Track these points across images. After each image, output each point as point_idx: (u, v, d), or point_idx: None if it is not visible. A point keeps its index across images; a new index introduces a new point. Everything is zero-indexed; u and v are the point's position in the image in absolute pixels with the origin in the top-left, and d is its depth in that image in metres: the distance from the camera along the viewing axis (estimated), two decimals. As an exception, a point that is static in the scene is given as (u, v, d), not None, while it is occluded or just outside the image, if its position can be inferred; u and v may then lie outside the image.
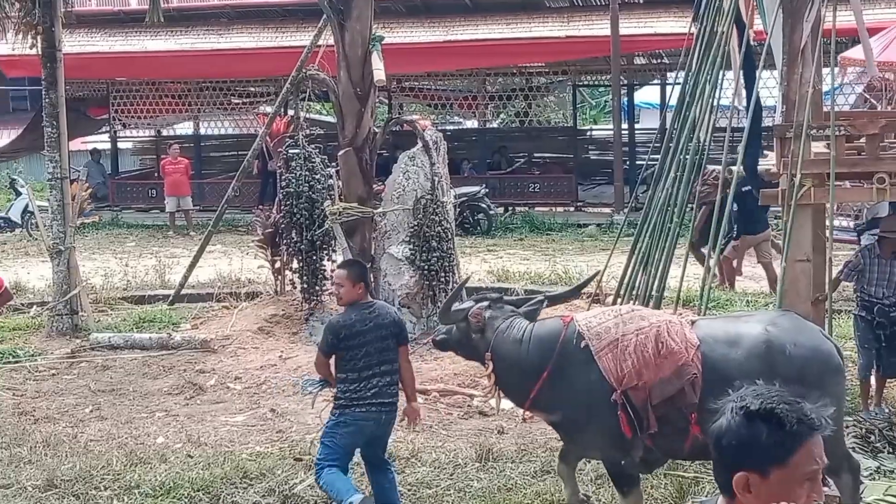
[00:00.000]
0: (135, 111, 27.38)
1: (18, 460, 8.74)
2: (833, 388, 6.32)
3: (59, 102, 13.67)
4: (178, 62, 25.68)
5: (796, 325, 6.65)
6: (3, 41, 24.98)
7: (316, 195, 13.07)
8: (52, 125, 13.64)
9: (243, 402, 10.54)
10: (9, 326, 13.91)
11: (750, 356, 6.44)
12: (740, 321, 7.02)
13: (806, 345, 6.51)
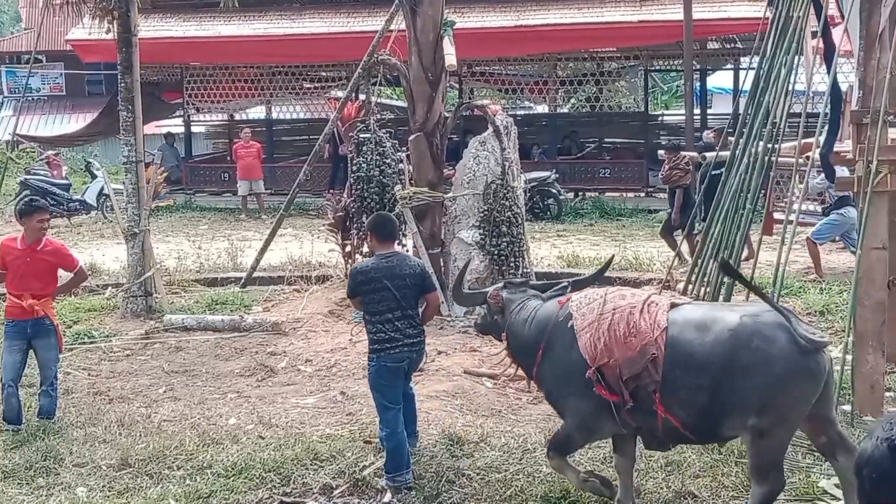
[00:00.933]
0: (208, 95, 27.66)
1: (93, 439, 8.87)
2: (794, 391, 6.39)
3: (135, 87, 13.84)
4: (250, 47, 25.89)
5: (778, 321, 6.52)
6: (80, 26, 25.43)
7: (386, 179, 13.12)
8: (128, 109, 13.81)
9: (314, 384, 10.61)
10: (84, 307, 14.14)
11: (714, 343, 6.51)
12: (723, 309, 7.01)
13: (775, 342, 6.42)
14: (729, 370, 6.45)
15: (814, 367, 6.42)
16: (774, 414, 6.47)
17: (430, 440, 8.56)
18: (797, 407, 6.51)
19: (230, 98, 27.92)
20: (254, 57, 26.67)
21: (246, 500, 7.55)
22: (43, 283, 9.44)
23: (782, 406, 6.48)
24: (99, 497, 7.68)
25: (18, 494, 7.77)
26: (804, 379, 6.44)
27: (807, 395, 6.48)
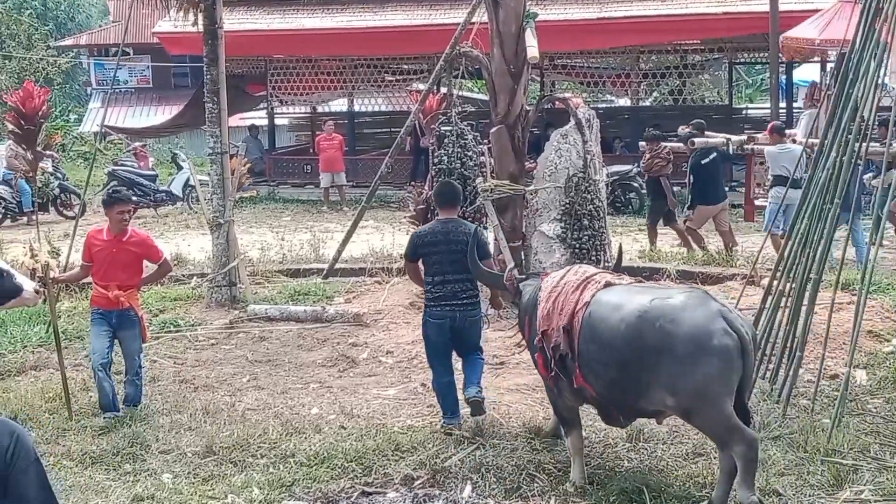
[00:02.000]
0: (291, 88, 27.90)
1: (179, 427, 9.01)
2: (702, 371, 6.68)
3: (220, 79, 14.00)
4: (333, 40, 26.07)
5: (688, 304, 6.88)
6: (167, 19, 25.81)
7: (468, 172, 13.10)
8: (213, 101, 13.98)
9: (395, 375, 10.66)
10: (170, 296, 14.35)
11: (622, 322, 7.00)
12: (644, 292, 7.37)
13: (682, 322, 6.77)
14: (636, 350, 6.90)
15: (722, 348, 6.68)
16: (689, 393, 6.81)
17: (511, 433, 8.56)
18: (711, 386, 6.74)
19: (313, 90, 28.12)
20: (336, 49, 26.84)
21: (328, 490, 7.61)
22: (128, 273, 9.52)
23: (694, 385, 6.76)
24: (184, 483, 7.80)
25: (106, 480, 7.92)
26: (712, 359, 6.69)
27: (720, 374, 6.74)
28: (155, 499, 7.49)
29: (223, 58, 14.12)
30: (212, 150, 14.12)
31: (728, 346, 6.72)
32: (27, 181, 22.58)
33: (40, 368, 10.81)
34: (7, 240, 18.49)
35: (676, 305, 6.91)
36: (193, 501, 7.45)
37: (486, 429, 8.59)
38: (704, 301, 6.92)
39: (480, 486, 7.56)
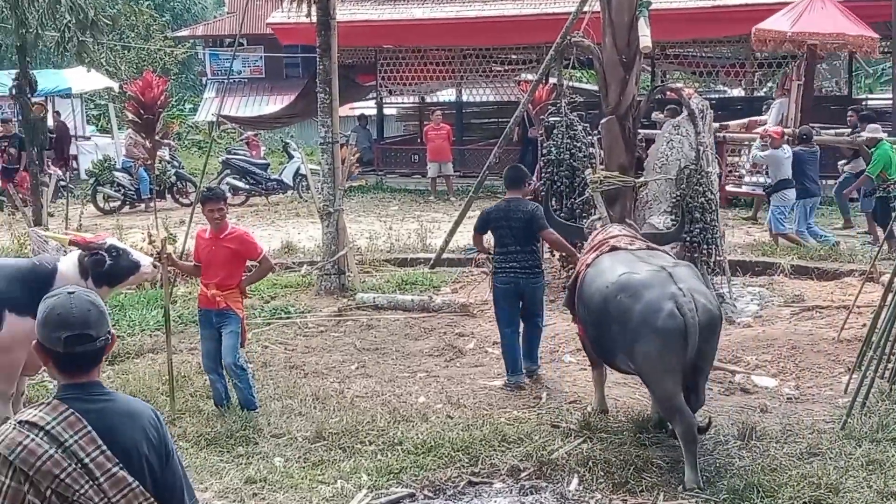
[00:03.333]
0: (400, 78, 28.04)
1: (290, 412, 9.16)
2: (646, 344, 7.49)
3: (332, 69, 14.15)
4: (442, 30, 26.13)
5: (648, 283, 7.67)
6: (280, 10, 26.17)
7: (577, 163, 13.06)
8: (325, 91, 14.14)
9: (501, 366, 10.63)
10: (281, 284, 14.58)
11: (598, 289, 8.07)
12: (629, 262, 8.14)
13: (638, 297, 7.62)
14: (604, 315, 7.94)
15: (665, 329, 7.36)
16: (640, 361, 7.65)
17: (619, 426, 8.51)
18: (654, 362, 7.53)
19: (421, 80, 28.22)
20: (445, 39, 26.89)
21: (435, 478, 7.68)
22: (226, 271, 9.33)
23: (641, 358, 7.61)
24: (295, 467, 7.95)
25: (220, 462, 8.10)
26: (655, 338, 7.44)
27: (661, 353, 7.43)
28: (267, 481, 7.64)
29: (335, 48, 14.27)
30: (323, 139, 14.29)
31: (670, 327, 7.36)
32: (145, 169, 23.13)
33: (157, 351, 11.05)
34: (126, 226, 18.93)
35: (638, 283, 7.74)
36: (304, 485, 7.59)
37: (593, 422, 8.55)
38: (663, 282, 7.61)
39: (587, 480, 7.55)
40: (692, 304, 7.41)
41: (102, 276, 9.10)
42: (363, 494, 7.40)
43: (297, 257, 16.38)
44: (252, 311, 12.95)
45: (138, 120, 15.59)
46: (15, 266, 9.44)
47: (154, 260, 9.29)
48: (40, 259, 9.33)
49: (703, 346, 7.48)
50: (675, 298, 7.43)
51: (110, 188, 24.48)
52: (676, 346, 7.37)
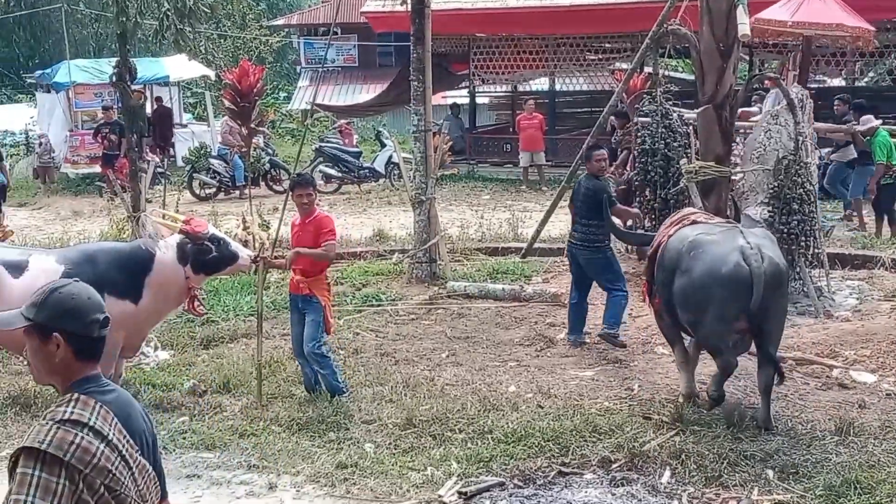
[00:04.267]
0: (493, 67, 27.96)
1: (380, 398, 9.21)
2: (711, 291, 8.03)
3: (426, 57, 14.16)
4: (536, 18, 25.99)
5: (718, 239, 8.29)
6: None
7: (672, 153, 12.91)
8: (419, 79, 14.17)
9: (593, 357, 10.62)
10: (373, 271, 14.66)
11: (673, 250, 8.60)
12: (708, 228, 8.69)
13: (708, 250, 8.22)
14: (677, 271, 8.42)
15: (736, 274, 7.89)
16: (705, 307, 8.13)
17: (712, 419, 8.40)
18: (723, 305, 8.01)
19: (514, 69, 28.10)
20: (539, 28, 26.73)
21: (525, 467, 7.66)
22: (310, 257, 9.29)
23: (708, 302, 8.08)
24: (385, 453, 7.99)
25: (311, 446, 8.18)
26: (725, 283, 7.94)
27: (731, 297, 7.92)
28: (358, 466, 7.70)
29: (429, 36, 14.27)
30: (415, 127, 14.32)
31: (736, 276, 7.89)
32: (240, 156, 23.43)
33: (251, 336, 11.18)
34: (221, 212, 19.24)
35: (709, 239, 8.35)
36: (394, 472, 7.62)
37: (686, 414, 8.45)
38: (733, 237, 8.25)
39: (679, 473, 7.47)
40: (758, 255, 7.94)
41: (202, 264, 9.27)
42: (453, 482, 7.41)
43: (389, 245, 16.45)
44: (343, 298, 13.06)
45: (235, 108, 15.77)
46: (115, 249, 9.65)
47: (253, 257, 9.42)
48: (140, 243, 9.52)
49: (769, 302, 7.90)
50: (741, 250, 8.01)
51: (206, 175, 24.86)
52: (740, 294, 7.85)
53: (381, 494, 7.30)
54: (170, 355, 11.03)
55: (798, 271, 12.19)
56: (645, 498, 7.15)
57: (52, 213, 23.63)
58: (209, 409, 9.13)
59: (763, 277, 7.80)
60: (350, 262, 15.26)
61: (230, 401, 9.43)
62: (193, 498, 7.38)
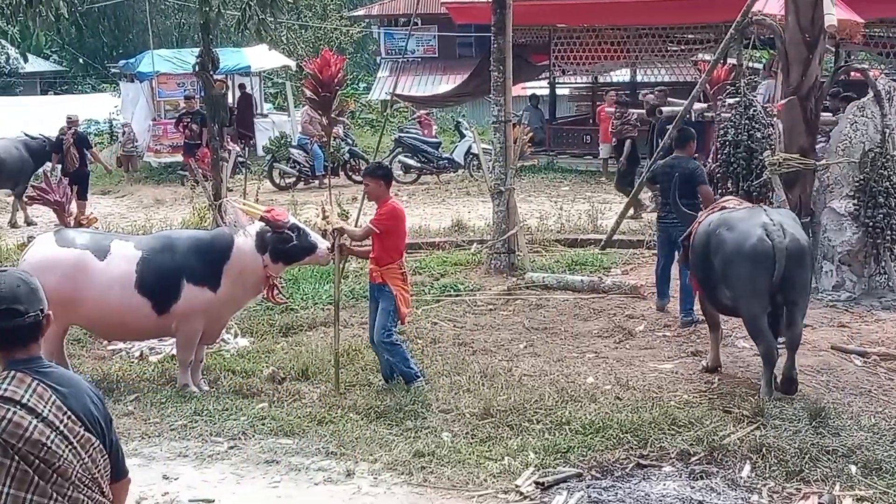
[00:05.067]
0: (574, 57, 27.77)
1: (458, 388, 9.21)
2: (737, 267, 8.64)
3: (507, 48, 14.13)
4: (618, 9, 25.76)
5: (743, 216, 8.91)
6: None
7: (755, 145, 12.72)
8: (499, 70, 14.14)
9: (672, 350, 10.53)
10: (451, 261, 14.68)
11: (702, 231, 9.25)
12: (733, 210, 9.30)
13: (733, 228, 8.81)
14: (707, 250, 9.03)
15: (759, 249, 8.45)
16: (733, 284, 8.73)
17: (793, 414, 8.27)
18: (750, 280, 8.55)
19: (595, 60, 27.90)
20: (620, 19, 26.51)
21: (603, 459, 7.63)
22: (381, 245, 9.20)
23: (736, 278, 8.68)
24: (462, 443, 8.00)
25: (389, 434, 8.22)
26: (749, 258, 8.50)
27: (756, 271, 8.48)
28: (435, 455, 7.71)
29: (510, 27, 14.24)
30: (495, 118, 14.30)
31: (759, 251, 8.45)
32: (320, 146, 23.59)
33: (329, 325, 11.25)
34: (300, 201, 19.39)
35: (734, 217, 8.95)
36: (471, 461, 7.63)
37: (767, 408, 8.33)
38: (756, 215, 8.82)
39: (760, 467, 7.39)
40: (780, 232, 8.48)
41: (281, 253, 9.36)
42: (530, 472, 7.39)
43: (467, 236, 16.46)
44: (422, 287, 13.11)
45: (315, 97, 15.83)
46: (194, 237, 9.79)
47: (329, 245, 9.42)
48: (220, 231, 9.63)
49: (791, 274, 8.46)
50: (764, 227, 8.56)
51: (286, 165, 25.07)
52: (764, 268, 8.44)
53: (458, 483, 7.31)
54: (249, 342, 11.15)
55: (883, 265, 11.99)
56: (724, 492, 7.07)
57: (134, 202, 24.02)
58: (288, 396, 9.21)
59: (785, 252, 8.39)
60: (428, 252, 15.30)
61: (308, 388, 9.51)
62: (272, 483, 7.46)
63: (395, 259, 9.20)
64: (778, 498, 7.00)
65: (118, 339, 10.62)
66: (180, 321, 9.37)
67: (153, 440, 8.27)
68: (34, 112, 31.05)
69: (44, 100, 39.15)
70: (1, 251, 15.63)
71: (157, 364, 10.39)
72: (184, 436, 8.34)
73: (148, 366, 10.39)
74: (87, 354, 10.91)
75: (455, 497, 7.13)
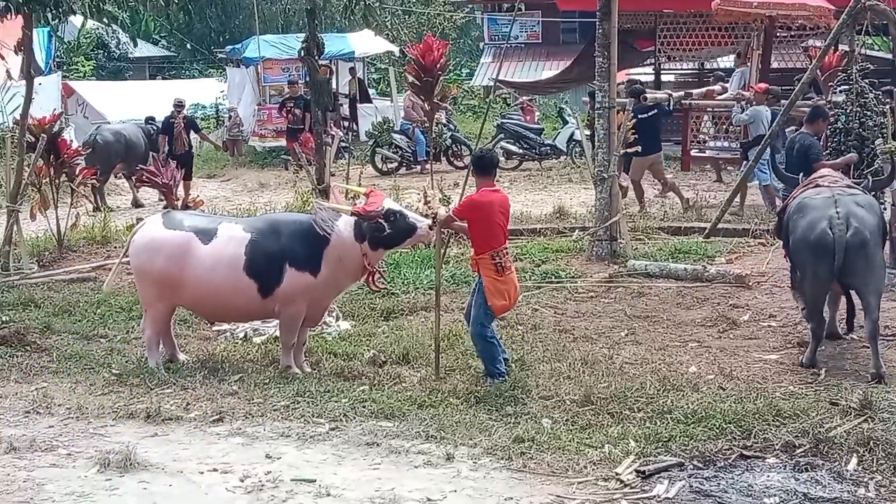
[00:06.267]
0: (680, 43, 27.39)
1: (558, 375, 9.17)
2: (803, 255, 9.34)
3: (612, 33, 13.99)
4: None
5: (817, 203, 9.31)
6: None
7: (866, 133, 12.45)
8: (604, 55, 14.01)
9: (777, 340, 10.35)
10: (553, 248, 14.62)
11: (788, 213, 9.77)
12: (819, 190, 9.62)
13: (804, 216, 9.31)
14: (787, 231, 9.64)
15: (821, 241, 9.00)
16: (800, 268, 9.51)
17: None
18: (812, 267, 9.18)
19: (702, 46, 27.47)
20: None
21: (705, 449, 7.53)
22: (473, 233, 9.05)
23: (801, 264, 9.44)
24: (562, 429, 7.96)
25: (488, 419, 8.22)
26: (811, 247, 9.12)
27: (817, 260, 9.07)
28: (534, 441, 7.69)
29: (616, 12, 14.09)
30: (600, 104, 14.18)
31: (820, 242, 9.01)
32: (423, 132, 23.68)
33: (430, 309, 11.25)
34: (403, 186, 19.50)
35: (807, 205, 9.40)
36: (571, 448, 7.59)
37: (876, 401, 8.14)
38: (826, 205, 9.19)
39: (867, 461, 7.22)
40: (843, 225, 8.94)
41: (379, 241, 9.38)
42: (631, 460, 7.33)
43: (569, 222, 16.37)
44: (522, 274, 13.07)
45: (418, 83, 15.96)
46: (297, 222, 9.87)
47: (430, 224, 9.37)
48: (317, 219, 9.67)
49: (853, 264, 8.96)
50: (829, 219, 9.03)
51: (388, 150, 25.22)
52: (823, 260, 9.01)
53: (558, 470, 7.28)
54: (351, 325, 11.24)
55: None
56: (830, 484, 6.93)
57: (239, 185, 24.41)
58: (388, 380, 9.26)
59: (845, 245, 8.90)
60: (529, 239, 15.26)
61: (409, 372, 9.55)
62: (372, 465, 7.51)
63: (485, 250, 8.94)
64: (885, 492, 6.83)
65: (222, 321, 10.79)
66: (283, 304, 9.48)
67: (256, 420, 8.38)
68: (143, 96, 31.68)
69: (152, 84, 39.89)
70: (110, 232, 16.00)
71: (261, 345, 10.53)
72: (286, 416, 8.44)
73: (252, 347, 10.54)
74: (193, 335, 11.11)
75: (554, 483, 7.10)
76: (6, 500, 6.88)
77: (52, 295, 12.60)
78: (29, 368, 9.82)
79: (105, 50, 43.08)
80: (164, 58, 48.83)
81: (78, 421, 8.43)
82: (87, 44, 41.57)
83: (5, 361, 10.00)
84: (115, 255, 13.45)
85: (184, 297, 9.65)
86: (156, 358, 9.73)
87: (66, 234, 15.34)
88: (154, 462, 7.50)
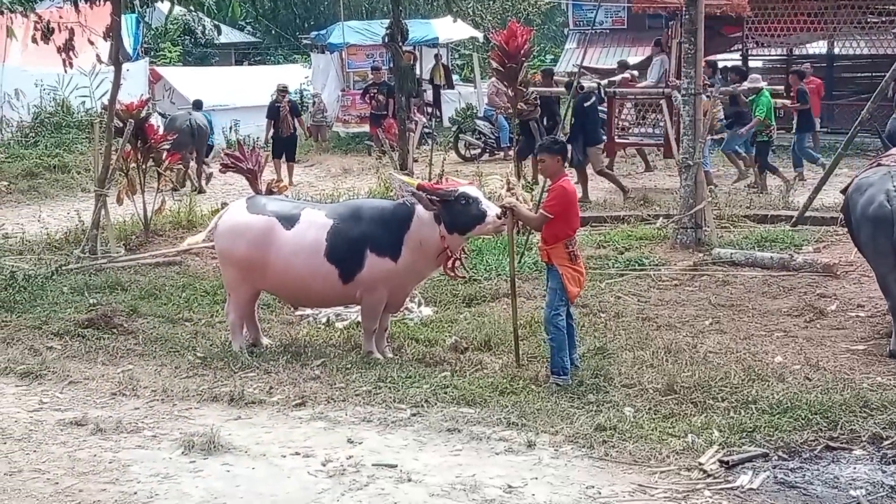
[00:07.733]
0: (769, 29, 26.99)
1: (641, 363, 9.11)
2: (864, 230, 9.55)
3: (699, 19, 13.83)
4: (816, -22, 24.92)
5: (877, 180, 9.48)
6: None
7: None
8: (690, 41, 13.86)
9: (866, 330, 10.15)
10: (636, 235, 14.52)
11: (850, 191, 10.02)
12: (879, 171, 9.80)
13: (862, 192, 9.54)
14: (849, 211, 9.98)
15: (879, 213, 9.19)
16: (863, 245, 9.76)
17: None
18: (874, 241, 9.36)
19: (791, 32, 27.04)
20: (818, -12, 25.65)
21: (790, 440, 7.44)
22: (547, 226, 8.89)
23: (864, 240, 9.63)
24: (645, 418, 7.91)
25: (570, 407, 8.19)
26: (871, 221, 9.32)
27: (877, 233, 9.24)
28: (616, 430, 7.65)
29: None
30: (685, 90, 14.02)
31: (878, 215, 9.20)
32: (506, 118, 23.62)
33: (511, 296, 11.28)
34: (486, 173, 19.48)
35: (865, 182, 9.63)
36: (653, 437, 7.54)
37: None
38: (883, 181, 9.40)
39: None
40: None
41: (451, 222, 9.34)
42: (714, 450, 7.25)
43: (653, 210, 16.22)
44: (605, 261, 13.01)
45: (502, 69, 15.90)
46: (378, 207, 9.90)
47: (499, 214, 9.27)
48: (402, 201, 9.70)
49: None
50: (887, 193, 9.21)
51: (471, 136, 25.20)
52: (883, 231, 9.17)
53: (640, 459, 7.23)
54: (433, 311, 11.27)
55: None
56: (919, 478, 6.80)
57: (322, 170, 24.60)
58: (470, 366, 9.27)
59: None
60: (613, 226, 15.16)
61: (490, 359, 9.55)
62: (453, 451, 7.53)
63: (560, 239, 8.86)
64: (975, 486, 6.69)
65: (304, 305, 10.87)
66: (364, 290, 9.53)
67: (338, 404, 8.45)
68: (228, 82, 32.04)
69: (237, 70, 40.30)
70: (196, 217, 16.24)
71: (343, 330, 10.61)
72: (368, 401, 8.50)
73: (334, 332, 10.62)
74: (276, 319, 11.23)
75: (636, 472, 7.06)
76: (93, 481, 7.03)
77: (139, 278, 12.83)
78: (115, 351, 10.01)
79: (192, 36, 43.52)
80: (250, 44, 49.23)
81: (163, 403, 8.59)
82: (174, 30, 42.05)
83: (93, 344, 10.21)
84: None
85: (266, 282, 9.76)
86: (239, 342, 9.87)
87: (153, 219, 15.59)
88: (237, 445, 7.61)
